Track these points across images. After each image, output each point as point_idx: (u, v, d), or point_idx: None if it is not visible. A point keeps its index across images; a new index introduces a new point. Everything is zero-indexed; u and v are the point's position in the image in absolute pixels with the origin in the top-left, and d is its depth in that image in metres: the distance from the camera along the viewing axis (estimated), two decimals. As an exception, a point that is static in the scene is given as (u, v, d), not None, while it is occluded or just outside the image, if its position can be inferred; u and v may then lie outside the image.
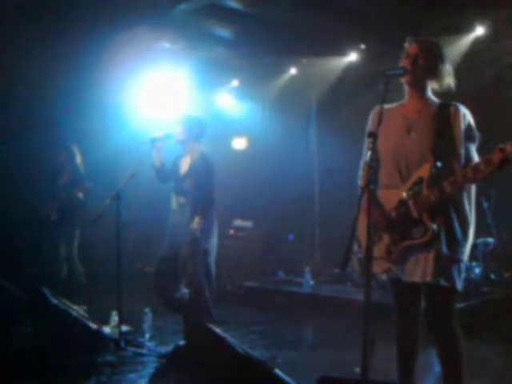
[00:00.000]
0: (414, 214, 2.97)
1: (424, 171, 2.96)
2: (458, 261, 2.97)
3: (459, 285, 2.97)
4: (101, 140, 7.36)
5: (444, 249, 2.92)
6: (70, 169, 6.88)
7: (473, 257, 6.23)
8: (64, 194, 6.78)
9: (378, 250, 3.08)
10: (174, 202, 5.30)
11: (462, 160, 2.96)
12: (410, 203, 2.98)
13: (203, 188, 5.17)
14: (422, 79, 3.07)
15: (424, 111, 3.07)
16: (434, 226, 2.92)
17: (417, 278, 2.98)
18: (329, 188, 8.69)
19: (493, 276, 6.54)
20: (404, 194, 3.02)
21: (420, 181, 2.97)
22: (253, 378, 2.98)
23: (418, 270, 2.96)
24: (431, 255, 2.92)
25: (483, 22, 6.77)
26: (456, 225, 2.96)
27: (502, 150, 2.65)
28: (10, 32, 6.38)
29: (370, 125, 3.22)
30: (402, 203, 3.02)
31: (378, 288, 3.75)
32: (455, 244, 2.96)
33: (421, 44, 3.06)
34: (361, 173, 3.20)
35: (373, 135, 2.72)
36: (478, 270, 6.44)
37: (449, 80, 3.12)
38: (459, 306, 5.19)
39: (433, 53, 3.06)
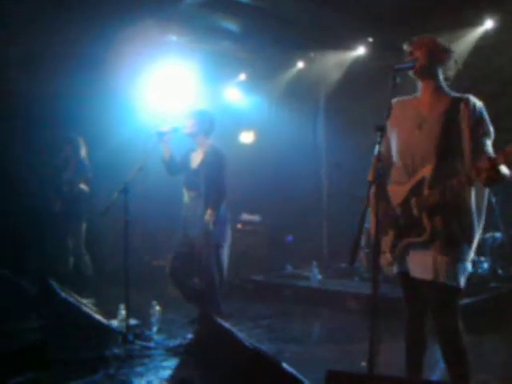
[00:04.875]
0: (415, 212, 2.98)
1: (427, 171, 2.95)
2: (459, 260, 2.92)
3: (461, 283, 2.93)
4: (108, 134, 7.35)
5: (443, 249, 2.91)
6: (75, 162, 6.86)
7: (480, 252, 6.20)
8: (67, 186, 6.76)
9: (385, 244, 3.13)
10: (186, 196, 5.31)
11: (468, 158, 2.90)
12: (412, 202, 2.99)
13: (215, 181, 5.18)
14: (430, 71, 3.04)
15: (436, 106, 3.04)
16: (431, 226, 2.92)
17: (418, 275, 3.01)
18: (337, 182, 8.68)
19: (500, 271, 6.51)
20: (408, 192, 3.02)
21: (423, 180, 2.96)
22: (260, 371, 2.98)
23: (419, 267, 2.98)
24: (430, 254, 2.93)
25: (493, 15, 6.72)
26: (455, 225, 2.93)
27: (491, 160, 2.62)
28: (15, 27, 6.38)
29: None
30: (406, 201, 3.03)
31: (386, 282, 3.75)
32: (455, 244, 2.93)
33: (417, 44, 3.03)
34: None
35: (380, 129, 2.71)
36: (485, 265, 6.42)
37: (455, 66, 3.10)
38: (466, 301, 5.20)
39: (430, 48, 3.02)
